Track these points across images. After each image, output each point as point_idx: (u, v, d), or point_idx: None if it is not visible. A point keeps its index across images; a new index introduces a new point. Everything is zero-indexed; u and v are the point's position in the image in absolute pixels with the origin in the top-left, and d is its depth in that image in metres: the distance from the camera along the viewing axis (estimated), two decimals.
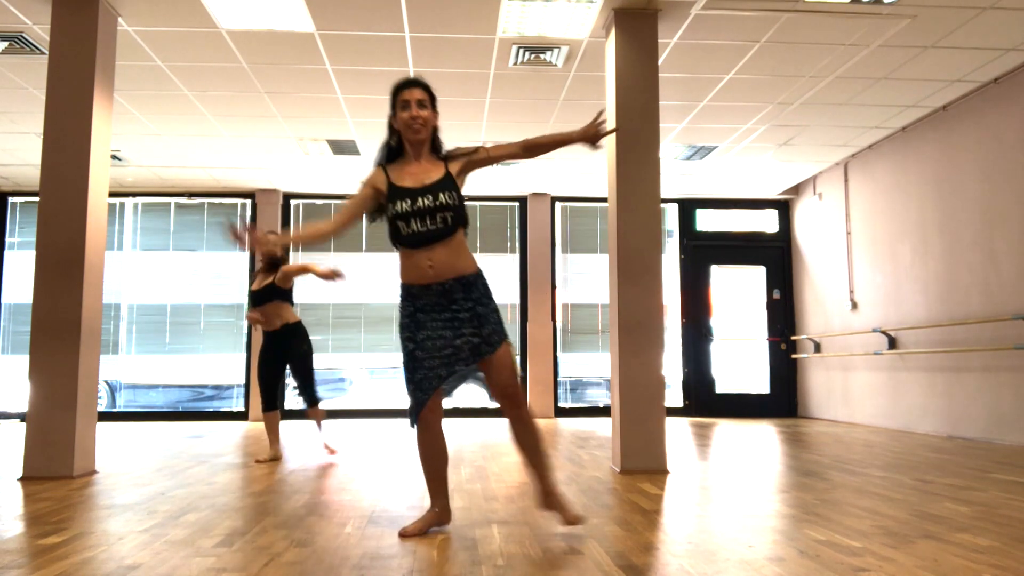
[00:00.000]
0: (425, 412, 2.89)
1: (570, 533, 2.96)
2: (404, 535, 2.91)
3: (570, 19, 5.12)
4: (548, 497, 2.99)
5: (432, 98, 2.95)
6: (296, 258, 9.28)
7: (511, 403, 2.92)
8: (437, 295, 2.85)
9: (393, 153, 3.00)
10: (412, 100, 2.89)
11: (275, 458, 5.26)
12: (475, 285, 2.88)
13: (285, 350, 5.35)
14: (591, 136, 2.94)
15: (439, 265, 2.83)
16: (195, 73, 6.04)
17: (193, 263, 9.81)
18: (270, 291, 5.30)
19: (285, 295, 5.33)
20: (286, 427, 7.31)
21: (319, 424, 5.56)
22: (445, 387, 2.91)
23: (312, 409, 5.45)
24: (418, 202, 2.83)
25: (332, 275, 5.04)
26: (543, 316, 9.77)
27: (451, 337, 2.83)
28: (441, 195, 2.84)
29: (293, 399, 10.52)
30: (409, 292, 2.90)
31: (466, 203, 2.95)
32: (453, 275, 2.84)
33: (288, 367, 5.42)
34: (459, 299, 2.85)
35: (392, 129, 2.98)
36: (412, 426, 2.93)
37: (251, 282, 5.92)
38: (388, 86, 6.65)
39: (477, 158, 2.98)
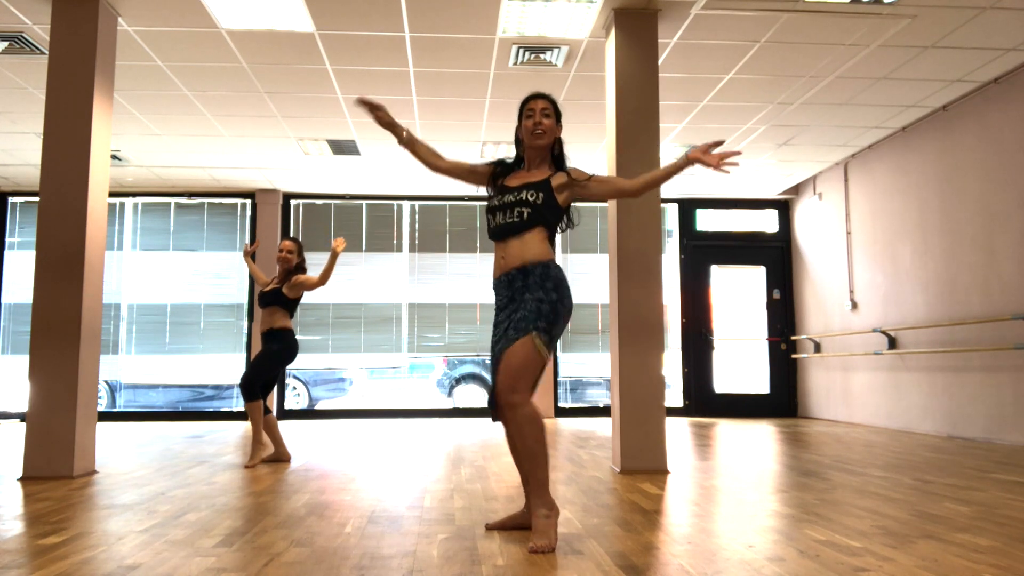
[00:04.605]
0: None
1: (570, 533, 2.96)
2: (489, 528, 2.98)
3: (570, 19, 5.12)
4: (530, 503, 2.79)
5: (557, 112, 3.04)
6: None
7: (499, 393, 2.74)
8: (505, 286, 2.92)
9: (512, 165, 3.13)
10: (537, 109, 3.01)
11: (278, 459, 5.25)
12: (533, 273, 2.84)
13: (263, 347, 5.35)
14: (703, 159, 2.82)
15: (509, 256, 2.90)
16: (195, 73, 6.04)
17: (193, 263, 9.81)
18: (275, 296, 5.31)
19: (286, 303, 5.33)
20: (284, 427, 7.30)
21: (253, 425, 5.16)
22: None
23: (248, 404, 5.20)
24: (505, 197, 2.95)
25: (339, 247, 5.15)
26: None
27: (508, 326, 2.86)
28: (524, 192, 2.90)
29: (292, 399, 10.53)
30: (494, 288, 3.00)
31: (545, 206, 2.90)
32: (518, 264, 2.87)
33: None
34: (518, 287, 2.87)
35: (518, 140, 3.10)
36: (494, 421, 2.95)
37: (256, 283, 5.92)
38: (388, 86, 6.62)
39: (583, 180, 2.98)
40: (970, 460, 5.14)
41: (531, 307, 2.78)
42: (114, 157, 8.26)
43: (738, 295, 10.08)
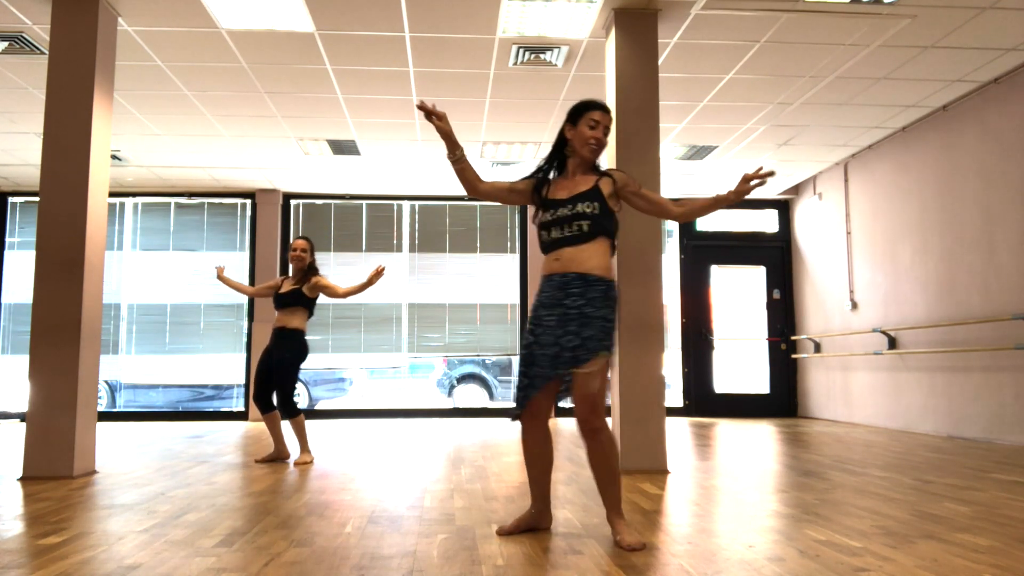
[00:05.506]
0: (532, 411, 2.88)
1: (570, 533, 2.96)
2: (500, 533, 2.93)
3: (570, 19, 5.12)
4: (611, 523, 2.84)
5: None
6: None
7: (583, 420, 2.77)
8: (555, 287, 2.85)
9: (548, 172, 3.06)
10: (603, 124, 2.95)
11: (278, 457, 5.25)
12: (595, 287, 2.82)
13: (273, 352, 5.31)
14: (736, 197, 2.79)
15: (565, 259, 2.85)
16: (195, 73, 6.04)
17: (193, 263, 9.81)
18: (295, 296, 5.30)
19: (307, 303, 5.35)
20: (284, 427, 7.29)
21: (299, 434, 5.27)
22: (561, 389, 2.86)
23: (291, 420, 5.25)
24: (557, 212, 2.89)
25: (376, 277, 5.11)
26: None
27: (560, 334, 2.79)
28: (580, 205, 2.86)
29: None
30: (539, 288, 2.94)
31: (603, 215, 2.87)
32: (576, 270, 2.83)
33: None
34: (573, 293, 2.81)
35: (563, 140, 3.01)
36: (513, 420, 2.91)
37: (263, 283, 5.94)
38: (388, 86, 6.61)
39: (629, 189, 2.97)
40: (970, 460, 5.14)
41: (599, 326, 2.78)
42: (114, 157, 8.26)
43: (738, 295, 10.08)
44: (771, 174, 2.77)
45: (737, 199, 2.80)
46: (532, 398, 2.85)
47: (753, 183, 2.76)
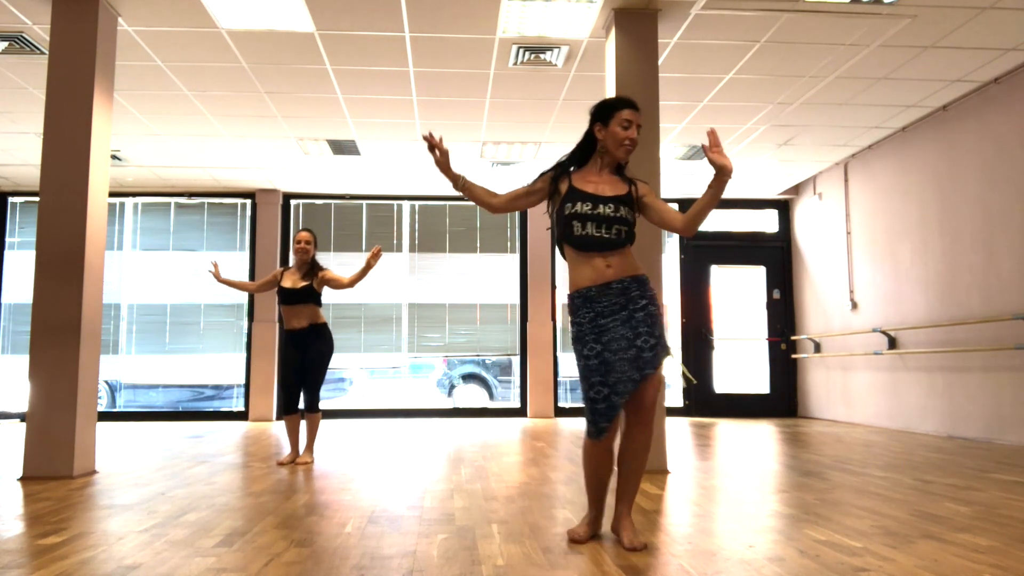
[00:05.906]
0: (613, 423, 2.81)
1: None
2: (575, 540, 2.83)
3: (570, 19, 5.12)
4: (619, 520, 2.84)
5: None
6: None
7: (644, 412, 2.78)
8: (617, 294, 2.82)
9: (583, 160, 3.01)
10: (636, 123, 2.92)
11: (295, 460, 5.21)
12: (647, 285, 2.87)
13: (306, 349, 5.29)
14: (720, 174, 2.69)
15: (617, 265, 2.85)
16: (195, 73, 6.04)
17: (193, 263, 9.81)
18: (307, 293, 5.28)
19: (318, 298, 5.34)
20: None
21: (312, 433, 5.29)
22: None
23: (310, 415, 5.28)
24: (599, 208, 2.84)
25: (373, 259, 5.08)
26: (543, 316, 9.78)
27: (632, 337, 2.77)
28: (623, 209, 2.86)
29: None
30: (587, 297, 2.83)
31: (634, 224, 2.93)
32: (631, 273, 2.85)
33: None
34: (635, 296, 2.82)
35: (591, 137, 2.96)
36: (598, 437, 2.77)
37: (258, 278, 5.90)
38: (388, 86, 6.59)
39: (647, 200, 2.94)
40: (970, 460, 5.14)
41: (660, 323, 2.84)
42: (114, 157, 8.26)
43: (738, 295, 10.08)
44: (712, 131, 2.69)
45: (722, 176, 2.68)
46: (619, 407, 2.77)
47: (712, 147, 2.67)
